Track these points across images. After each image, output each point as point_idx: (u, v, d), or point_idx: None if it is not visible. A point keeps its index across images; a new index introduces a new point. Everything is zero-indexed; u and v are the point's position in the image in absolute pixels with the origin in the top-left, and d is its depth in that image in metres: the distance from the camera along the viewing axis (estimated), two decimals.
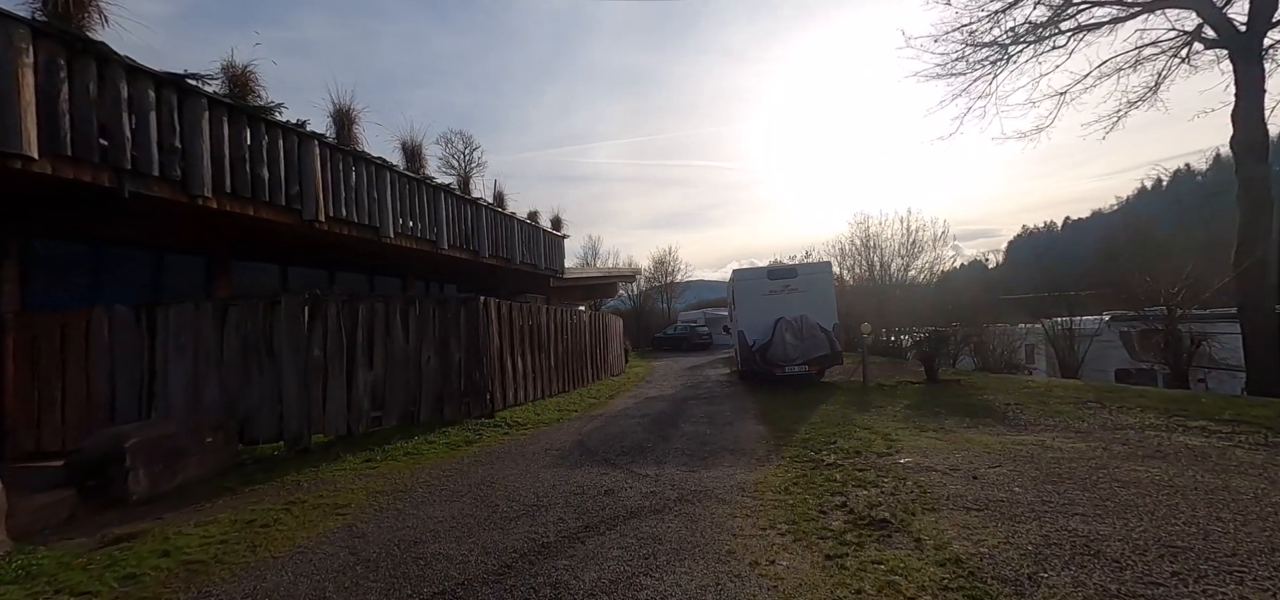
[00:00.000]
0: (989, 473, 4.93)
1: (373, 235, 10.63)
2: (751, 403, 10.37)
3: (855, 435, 6.82)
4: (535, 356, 10.99)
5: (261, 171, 8.42)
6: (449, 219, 12.95)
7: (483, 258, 14.23)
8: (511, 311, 10.05)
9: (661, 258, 42.48)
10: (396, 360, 7.85)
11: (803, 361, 12.52)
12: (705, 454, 6.34)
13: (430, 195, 12.34)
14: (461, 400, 8.59)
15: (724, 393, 12.32)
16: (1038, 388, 10.13)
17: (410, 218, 11.73)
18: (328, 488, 5.52)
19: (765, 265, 13.98)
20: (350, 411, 7.33)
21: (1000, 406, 8.51)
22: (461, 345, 8.62)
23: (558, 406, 10.42)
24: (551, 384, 11.74)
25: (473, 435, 7.75)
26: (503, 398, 9.51)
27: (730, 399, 11.16)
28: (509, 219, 15.76)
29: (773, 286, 13.51)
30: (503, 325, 9.67)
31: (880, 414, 8.36)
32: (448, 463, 6.44)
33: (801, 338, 12.63)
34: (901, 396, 10.02)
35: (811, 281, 13.45)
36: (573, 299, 24.18)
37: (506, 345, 9.80)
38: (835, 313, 13.32)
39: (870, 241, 21.45)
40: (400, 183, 11.40)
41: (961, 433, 6.76)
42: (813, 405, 9.49)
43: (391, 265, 13.82)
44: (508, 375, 9.77)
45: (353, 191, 10.27)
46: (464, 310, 8.70)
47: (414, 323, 8.12)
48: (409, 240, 11.63)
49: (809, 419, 8.19)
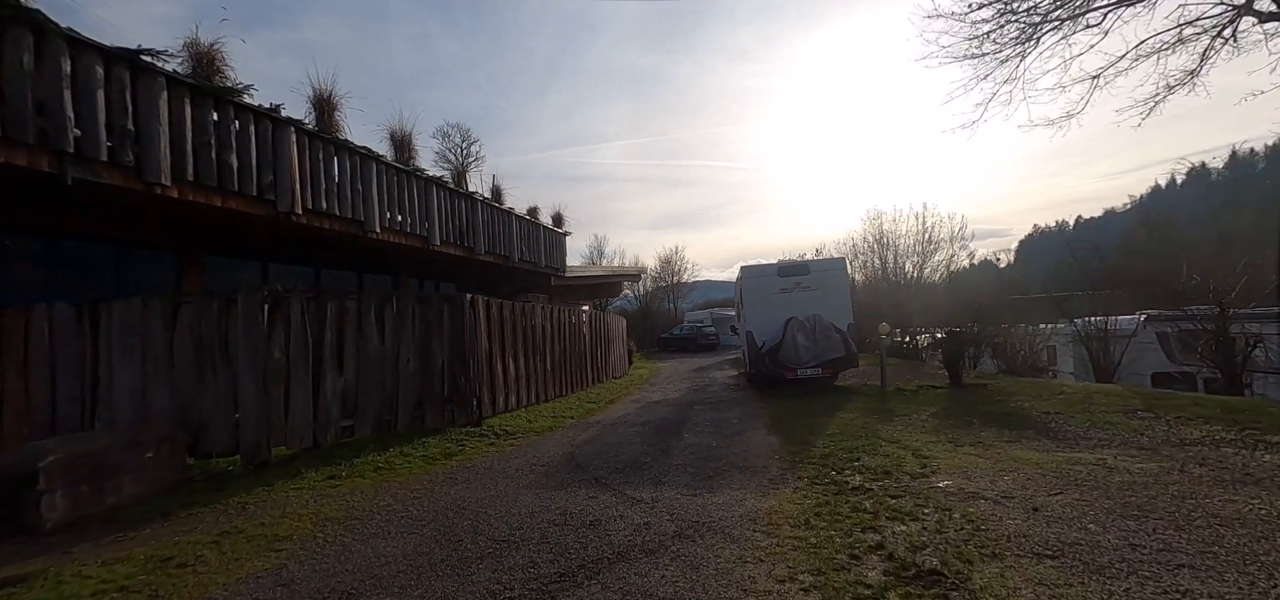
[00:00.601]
0: (1051, 503, 4.08)
1: (358, 230, 9.90)
2: (762, 409, 9.52)
3: (881, 450, 5.97)
4: (529, 359, 10.21)
5: (229, 158, 7.69)
6: (442, 214, 12.21)
7: (478, 255, 13.48)
8: (502, 311, 9.28)
9: (668, 257, 41.72)
10: (371, 363, 7.09)
11: (815, 364, 11.65)
12: (710, 472, 5.52)
13: (421, 188, 11.59)
14: (445, 407, 7.82)
15: (732, 397, 11.49)
16: (1074, 393, 9.21)
17: (399, 212, 10.98)
18: (274, 513, 4.76)
19: (775, 262, 13.13)
20: (317, 420, 6.58)
21: (1038, 415, 7.61)
22: (445, 347, 7.86)
23: (553, 413, 9.64)
24: (547, 388, 10.96)
25: (454, 446, 6.98)
26: (492, 404, 8.73)
27: (738, 404, 10.32)
28: (506, 215, 15.00)
29: (783, 284, 12.65)
30: (492, 326, 8.90)
31: (905, 424, 7.49)
32: (419, 480, 5.67)
33: (814, 339, 11.77)
34: (925, 403, 9.14)
35: (825, 279, 12.57)
36: (576, 299, 23.42)
37: (496, 347, 9.02)
38: (851, 312, 12.44)
39: (884, 238, 20.52)
40: (388, 174, 10.66)
41: (1003, 448, 5.89)
42: (829, 412, 8.63)
43: (382, 262, 13.10)
44: (498, 379, 8.99)
45: (335, 183, 9.53)
46: (448, 309, 7.94)
47: (391, 322, 7.36)
48: (398, 236, 10.89)
49: (826, 429, 7.34)
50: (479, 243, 13.49)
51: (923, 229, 19.75)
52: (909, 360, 17.06)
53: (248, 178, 7.91)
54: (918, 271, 19.95)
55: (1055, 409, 7.94)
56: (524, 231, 15.97)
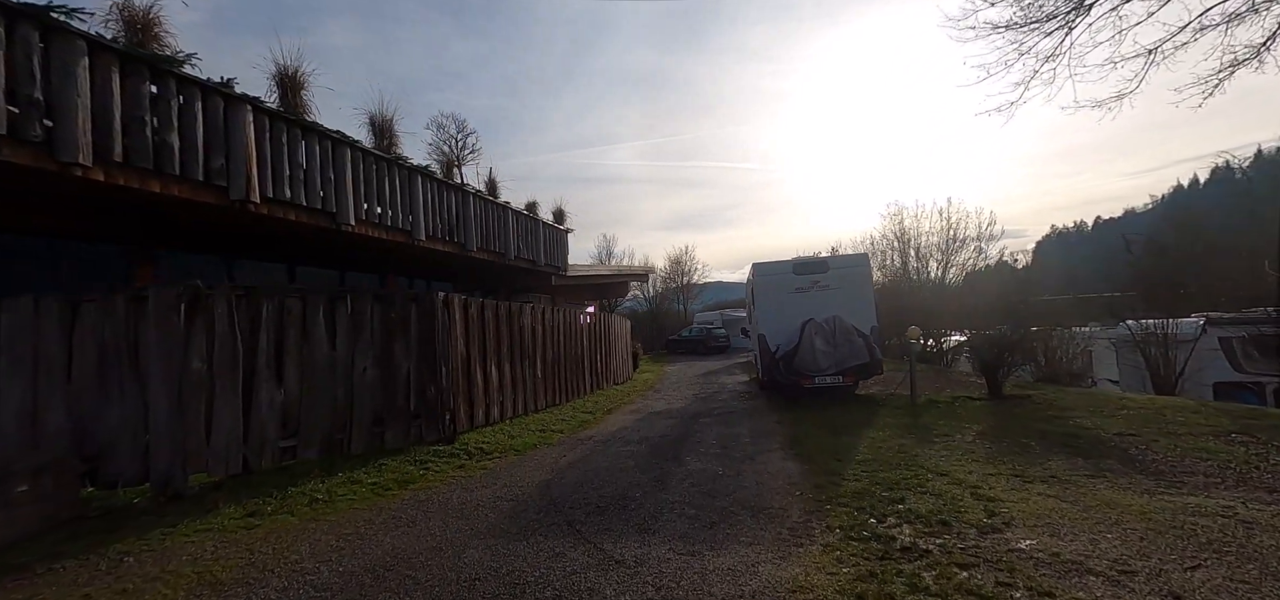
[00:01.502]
0: (1193, 585, 2.85)
1: (328, 222, 8.84)
2: (777, 424, 8.31)
3: (929, 485, 4.74)
4: (516, 365, 9.09)
5: (169, 138, 6.64)
6: (429, 207, 11.13)
7: (470, 251, 12.39)
8: (484, 311, 8.17)
9: (678, 257, 40.51)
10: (318, 372, 6.01)
11: (836, 372, 10.40)
12: (714, 515, 4.34)
13: (405, 179, 10.52)
14: (411, 423, 6.72)
15: (742, 408, 10.28)
16: (1140, 409, 7.88)
17: (378, 203, 9.91)
18: (151, 569, 3.67)
19: (790, 259, 11.89)
20: (249, 442, 5.50)
21: (1109, 437, 6.32)
22: (412, 352, 6.76)
23: (541, 426, 8.50)
24: (537, 397, 9.84)
25: (416, 471, 5.87)
26: (469, 417, 7.62)
27: (750, 417, 9.12)
28: (502, 209, 13.91)
29: (799, 283, 11.42)
30: (471, 328, 7.79)
31: (949, 446, 6.24)
32: (357, 519, 4.56)
33: (834, 344, 10.52)
34: (965, 418, 7.87)
35: (845, 277, 11.31)
36: (580, 299, 22.32)
37: (476, 352, 7.92)
38: (874, 314, 11.17)
39: (905, 235, 19.14)
40: (365, 162, 9.60)
41: (1086, 485, 4.63)
42: (855, 429, 7.40)
43: (365, 259, 12.08)
44: (477, 389, 7.88)
45: (301, 169, 8.47)
46: (415, 309, 6.85)
47: (345, 324, 6.28)
48: (377, 229, 9.82)
49: (855, 452, 6.12)
50: (471, 238, 12.41)
51: (947, 225, 18.38)
52: (933, 366, 15.71)
53: (192, 160, 6.86)
54: (942, 271, 18.58)
55: (1126, 429, 6.64)
56: (521, 227, 14.88)
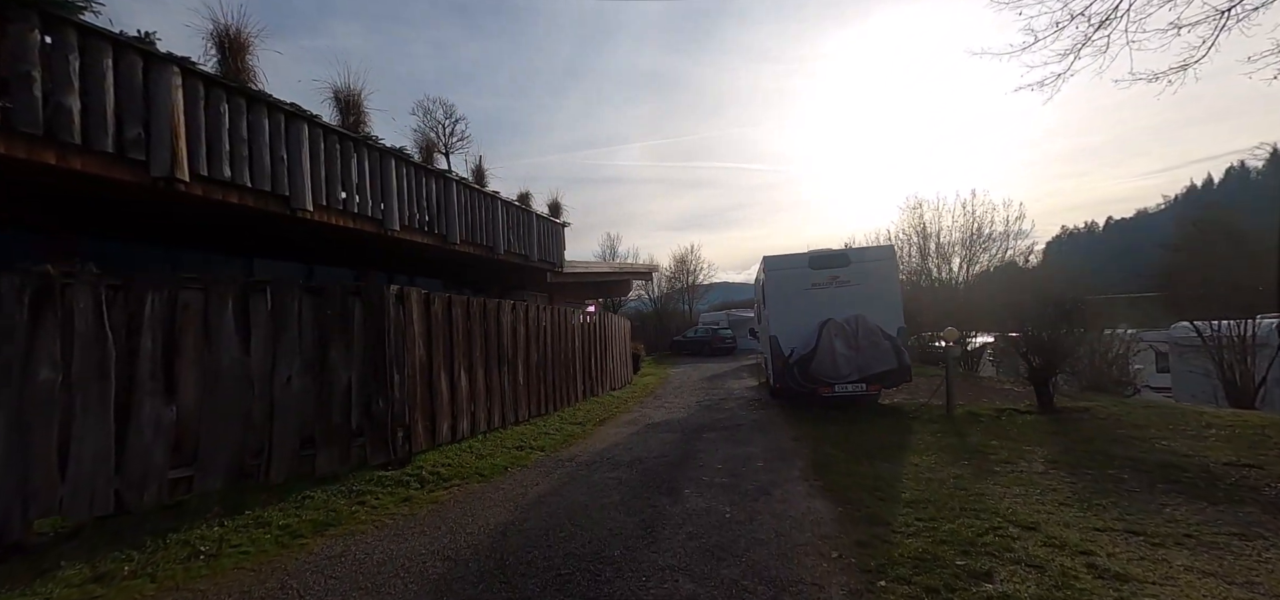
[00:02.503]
0: None
1: (281, 206, 7.62)
2: (794, 442, 6.99)
3: (1017, 547, 3.41)
4: (492, 371, 7.83)
5: (67, 101, 5.46)
6: (405, 194, 9.89)
7: (453, 244, 11.14)
8: (451, 308, 6.92)
9: (683, 256, 39.12)
10: (224, 383, 4.76)
11: (858, 378, 9.06)
12: (721, 595, 3.04)
13: (375, 161, 9.29)
14: (352, 443, 5.47)
15: (752, 419, 8.96)
16: (1231, 427, 6.49)
17: (343, 187, 8.69)
18: None
19: (806, 252, 10.55)
20: (124, 473, 4.26)
21: (1219, 469, 4.95)
22: (355, 357, 5.52)
23: (520, 441, 7.23)
24: (519, 407, 8.57)
25: (347, 507, 4.62)
26: (430, 433, 6.37)
27: (762, 432, 7.80)
28: (490, 199, 12.64)
29: (816, 278, 10.08)
30: (435, 327, 6.54)
31: (1019, 480, 4.89)
32: (233, 588, 3.31)
33: (857, 347, 9.18)
34: (1020, 437, 6.51)
35: (868, 272, 9.96)
36: (579, 298, 21.07)
37: (442, 356, 6.66)
38: (901, 313, 9.81)
39: (925, 231, 17.71)
40: (327, 141, 8.36)
41: (1248, 553, 3.28)
42: (891, 452, 6.07)
43: (338, 252, 10.87)
44: (441, 400, 6.62)
45: (244, 144, 7.26)
46: (360, 305, 5.60)
47: (264, 323, 5.03)
48: (342, 217, 8.59)
49: (899, 486, 4.80)
50: (453, 230, 11.16)
51: (970, 219, 16.94)
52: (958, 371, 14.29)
53: (99, 129, 5.64)
54: (965, 268, 17.15)
55: (1236, 456, 5.27)
56: (512, 220, 13.61)
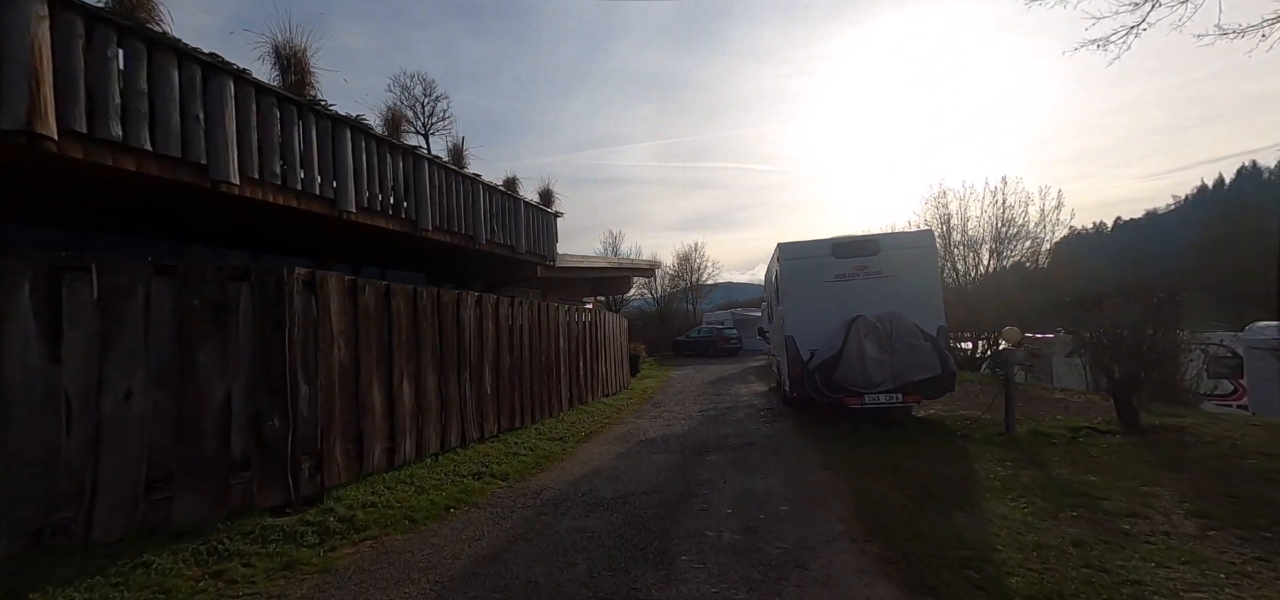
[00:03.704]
0: None
1: (194, 176, 6.14)
2: (824, 471, 5.43)
3: None
4: (448, 378, 6.32)
5: None
6: (363, 170, 8.37)
7: (423, 231, 9.61)
8: (391, 300, 5.42)
9: (687, 254, 37.57)
10: (15, 403, 3.27)
11: (892, 387, 7.51)
12: None
13: (325, 130, 7.79)
14: (232, 479, 3.97)
15: (767, 436, 7.41)
16: None
17: (281, 158, 7.19)
18: None
19: (828, 238, 8.99)
20: None
21: None
22: (239, 362, 4.02)
23: (477, 467, 5.71)
24: (486, 420, 7.05)
25: (195, 579, 3.12)
26: (355, 460, 4.86)
27: (781, 455, 6.25)
28: (470, 182, 11.10)
29: (841, 269, 8.52)
30: (366, 322, 5.03)
31: (1170, 550, 3.33)
32: None
33: (891, 350, 7.62)
34: (1120, 470, 4.93)
35: (903, 261, 8.40)
36: (575, 295, 19.55)
37: (375, 359, 5.16)
38: (943, 310, 8.25)
39: (950, 223, 16.10)
40: (261, 102, 6.86)
41: None
42: (961, 492, 4.51)
43: (290, 238, 9.39)
44: (372, 417, 5.11)
45: (144, 98, 5.75)
46: (248, 291, 4.10)
47: (85, 317, 3.53)
48: (282, 194, 7.07)
49: (999, 559, 3.25)
50: (425, 215, 9.63)
51: (1001, 210, 15.33)
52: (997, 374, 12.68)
53: None
54: (994, 262, 15.56)
55: None
56: (496, 207, 12.06)
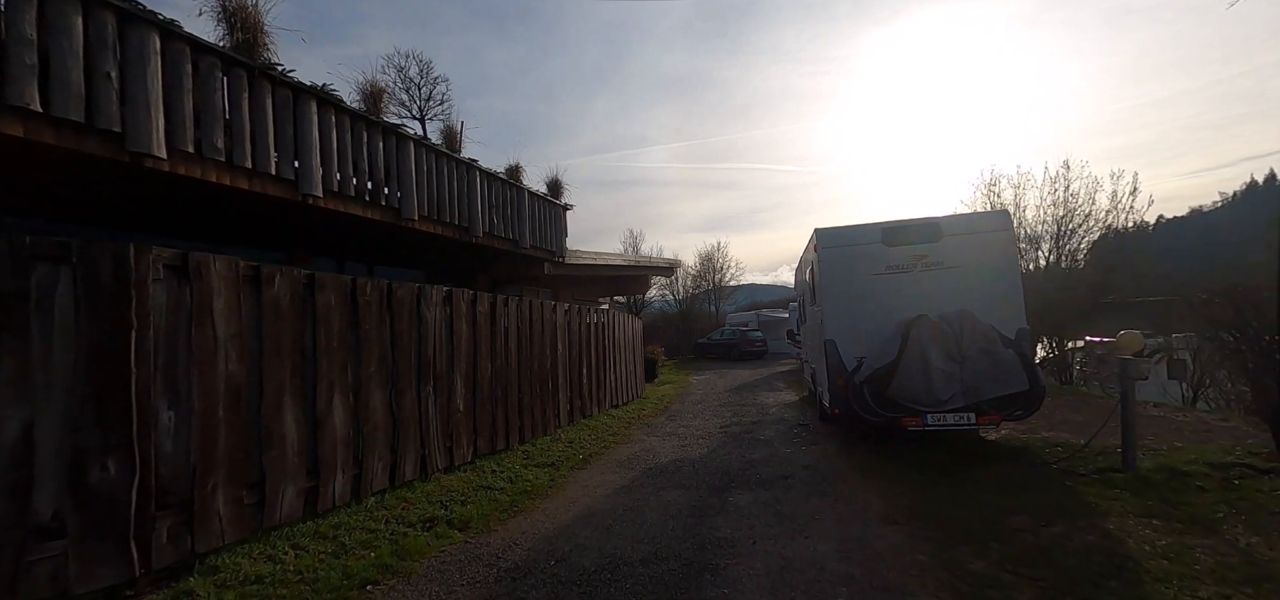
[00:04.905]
0: None
1: (104, 148, 4.96)
2: (896, 531, 3.90)
3: None
4: (404, 393, 4.98)
5: None
6: (334, 149, 7.15)
7: (409, 221, 8.35)
8: (318, 293, 4.09)
9: (709, 254, 35.96)
10: None
11: (965, 404, 5.91)
12: None
13: (285, 102, 6.57)
14: (27, 554, 2.68)
15: (806, 464, 5.89)
16: None
17: (227, 133, 5.99)
18: None
19: (877, 223, 7.41)
20: None
21: None
22: (51, 383, 2.73)
23: (434, 508, 4.36)
24: (456, 444, 5.70)
25: None
26: (251, 511, 3.54)
27: (831, 501, 4.73)
28: (464, 167, 9.82)
29: (894, 260, 6.94)
30: (276, 323, 3.72)
31: None
32: None
33: (961, 358, 6.02)
34: None
35: (972, 249, 6.77)
36: (589, 295, 18.20)
37: (284, 372, 3.84)
38: (1023, 309, 6.60)
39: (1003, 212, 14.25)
40: (199, 64, 5.67)
41: None
42: (1117, 578, 2.96)
43: (256, 228, 8.25)
44: (284, 449, 3.79)
45: (31, 50, 4.61)
46: (65, 277, 2.80)
47: None
48: (226, 172, 5.88)
49: None
50: (411, 202, 8.37)
51: (1066, 197, 13.44)
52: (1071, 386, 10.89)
53: None
54: (1054, 256, 13.67)
55: None
56: (496, 196, 10.77)
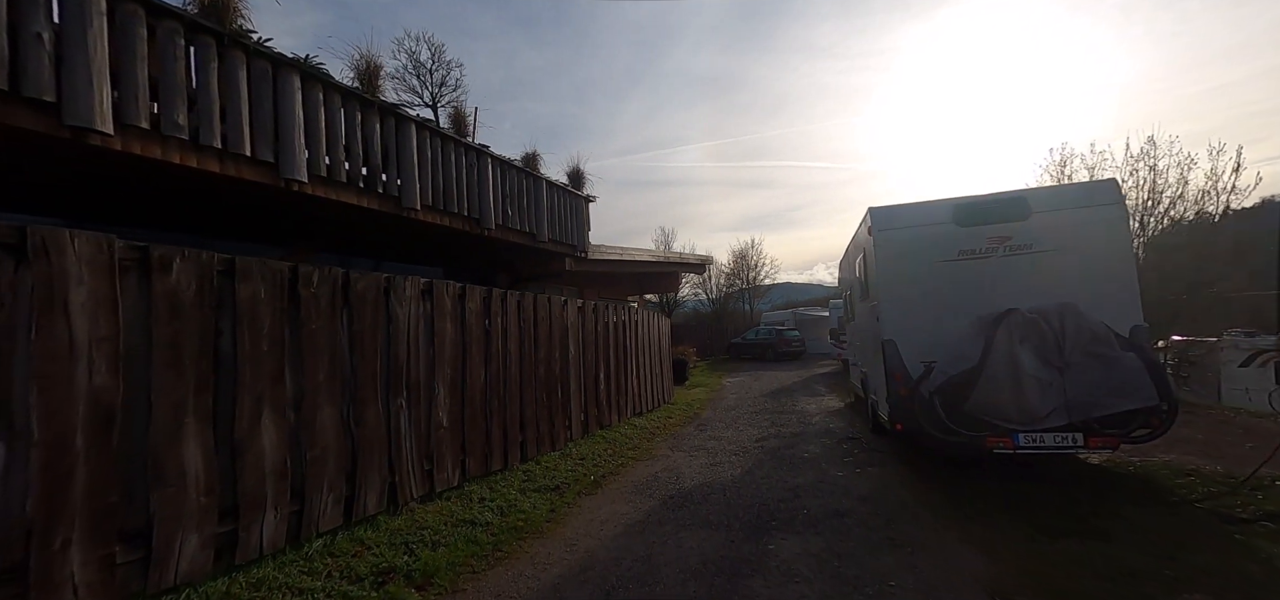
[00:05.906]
0: None
1: (43, 122, 4.26)
2: None
3: None
4: (361, 405, 4.06)
5: None
6: (323, 131, 6.37)
7: (411, 210, 7.53)
8: (241, 283, 3.21)
9: (743, 251, 34.49)
10: None
11: (1068, 422, 4.59)
12: None
13: (261, 76, 5.80)
14: None
15: (865, 496, 4.70)
16: None
17: (193, 111, 5.25)
18: None
19: (947, 199, 6.11)
20: None
21: None
22: None
23: (395, 552, 3.43)
24: (438, 465, 4.76)
25: None
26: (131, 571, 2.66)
27: (905, 557, 3.55)
28: (474, 154, 8.96)
29: (969, 243, 5.64)
30: (172, 323, 2.85)
31: None
32: None
33: (1062, 362, 4.70)
34: None
35: (1069, 228, 5.41)
36: (616, 293, 17.22)
37: (185, 386, 2.96)
38: (1139, 300, 5.21)
39: None
40: (156, 30, 4.94)
41: None
42: None
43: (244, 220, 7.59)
44: (183, 485, 2.91)
45: None
46: None
47: None
48: (192, 154, 5.15)
49: None
50: (412, 190, 7.53)
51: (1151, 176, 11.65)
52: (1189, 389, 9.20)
53: None
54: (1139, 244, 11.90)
55: None
56: (511, 186, 9.88)
